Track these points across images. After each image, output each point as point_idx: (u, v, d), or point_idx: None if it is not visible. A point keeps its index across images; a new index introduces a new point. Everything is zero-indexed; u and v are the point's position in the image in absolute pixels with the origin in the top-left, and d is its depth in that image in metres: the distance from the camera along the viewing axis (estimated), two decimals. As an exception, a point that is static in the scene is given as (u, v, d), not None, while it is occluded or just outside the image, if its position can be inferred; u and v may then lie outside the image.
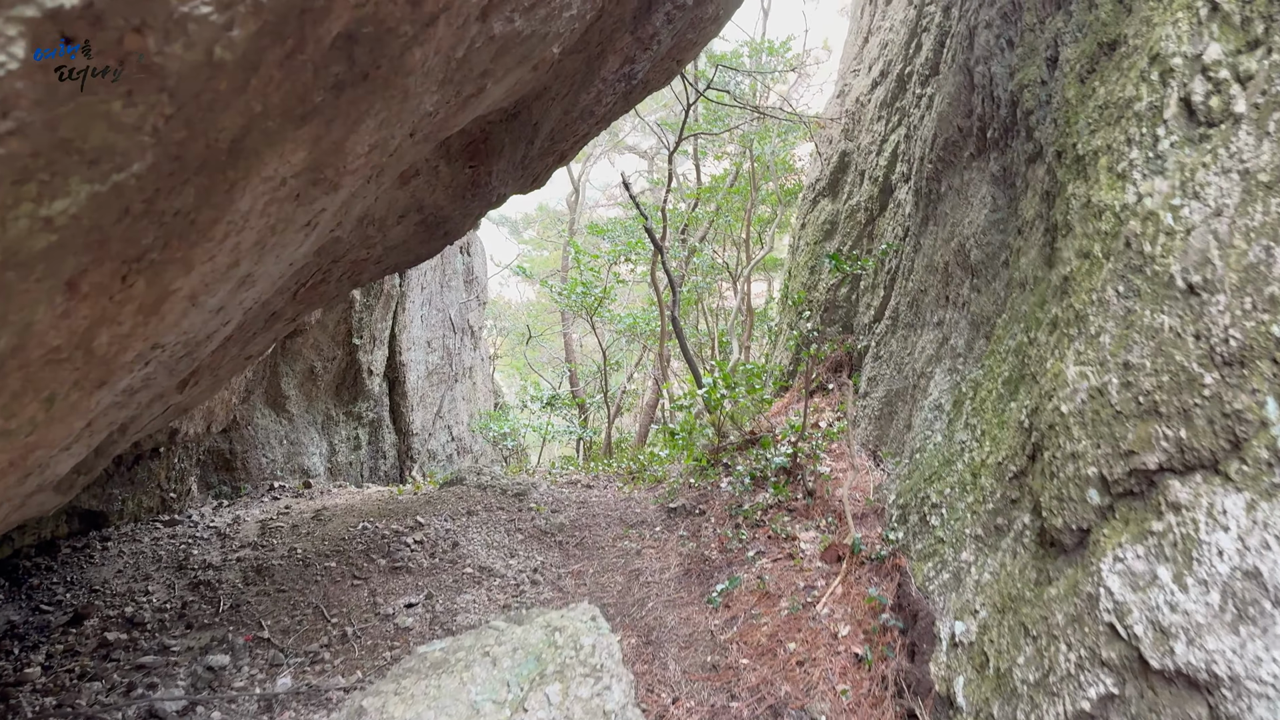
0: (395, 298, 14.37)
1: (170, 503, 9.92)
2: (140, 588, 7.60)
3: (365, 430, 15.00)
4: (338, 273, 5.07)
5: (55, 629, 6.34)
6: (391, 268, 5.77)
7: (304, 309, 5.40)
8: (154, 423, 5.39)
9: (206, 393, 5.69)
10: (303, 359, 13.05)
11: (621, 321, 14.88)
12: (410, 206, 4.87)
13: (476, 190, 5.21)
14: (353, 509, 9.27)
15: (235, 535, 8.73)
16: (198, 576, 7.70)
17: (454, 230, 5.55)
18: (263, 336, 5.24)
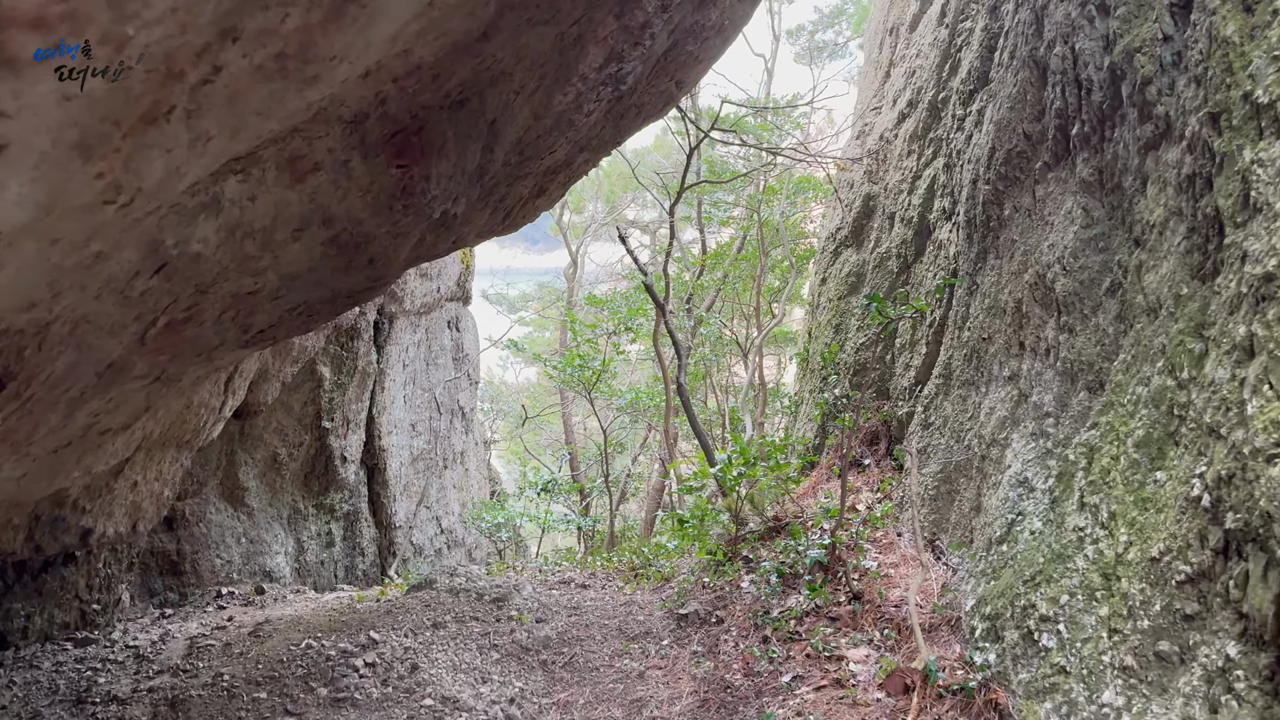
0: (372, 375, 13.01)
1: (91, 616, 8.36)
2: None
3: (339, 524, 13.46)
4: (212, 310, 3.68)
5: None
6: (304, 312, 4.40)
7: (169, 363, 4.01)
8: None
9: (25, 481, 4.25)
10: (264, 445, 11.62)
11: (623, 397, 13.49)
12: (310, 216, 3.52)
13: (409, 200, 3.86)
14: (300, 622, 7.71)
15: (155, 658, 7.16)
16: (96, 714, 6.13)
17: (383, 259, 4.19)
18: (101, 398, 3.83)
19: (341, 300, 4.55)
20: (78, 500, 7.20)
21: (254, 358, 9.22)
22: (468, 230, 5.57)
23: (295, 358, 10.46)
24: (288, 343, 10.15)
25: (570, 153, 6.25)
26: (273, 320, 4.18)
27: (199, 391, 8.03)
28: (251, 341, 4.47)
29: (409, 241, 4.32)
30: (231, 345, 4.34)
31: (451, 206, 4.40)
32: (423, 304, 13.87)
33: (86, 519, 7.35)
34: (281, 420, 11.71)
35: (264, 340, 4.61)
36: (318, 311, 4.52)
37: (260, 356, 9.58)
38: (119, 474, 7.55)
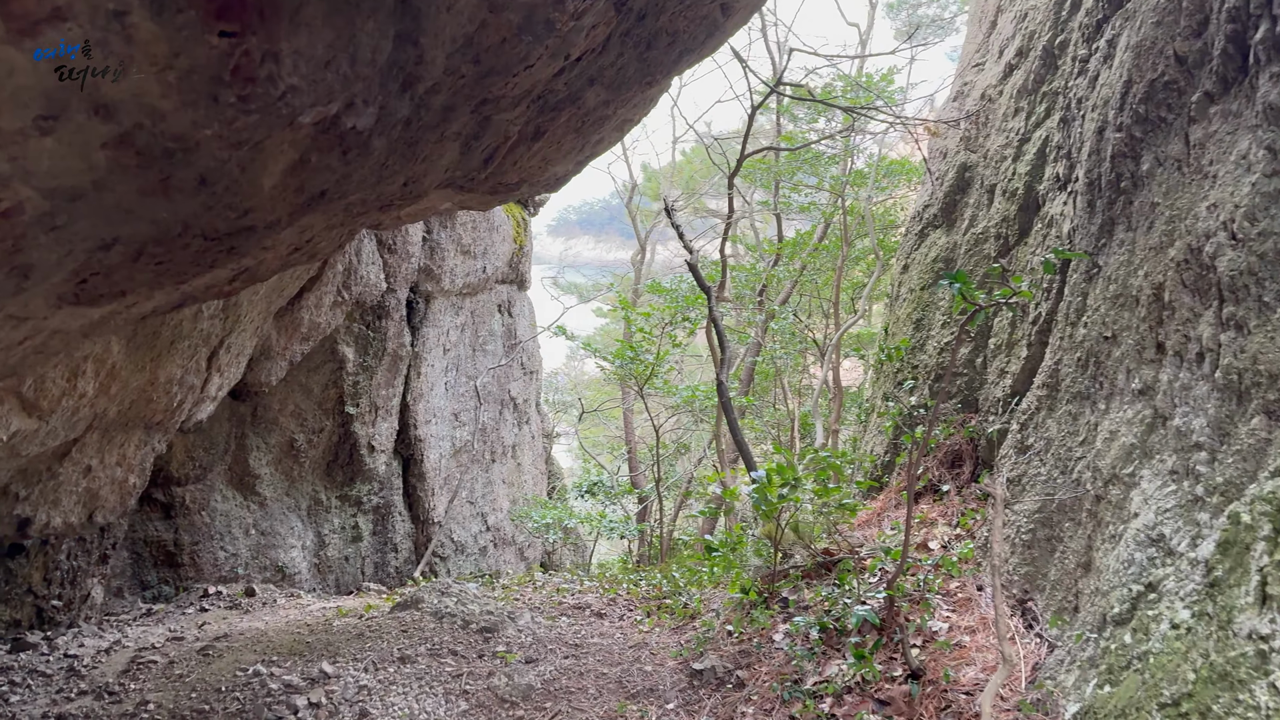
0: (405, 358, 11.96)
1: (51, 614, 7.45)
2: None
3: (368, 518, 12.48)
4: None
5: None
6: (137, 255, 3.19)
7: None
8: None
9: None
10: (279, 430, 10.67)
11: (677, 394, 12.14)
12: (65, 98, 2.28)
13: (246, 90, 2.61)
14: (262, 639, 6.61)
15: (88, 673, 6.16)
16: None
17: (228, 182, 2.96)
18: None
19: (202, 242, 3.33)
20: (8, 486, 6.23)
21: (248, 331, 8.21)
22: (417, 168, 4.31)
23: (305, 334, 9.44)
24: (294, 317, 9.13)
25: (572, 84, 4.94)
26: (81, 264, 2.99)
27: (165, 366, 7.02)
28: (73, 299, 3.29)
29: (279, 161, 3.07)
30: (39, 305, 3.16)
31: (347, 115, 3.13)
32: (465, 284, 12.77)
33: (22, 507, 6.39)
34: (299, 403, 10.75)
35: (95, 299, 3.43)
36: (166, 258, 3.31)
37: (260, 331, 8.57)
38: (64, 457, 6.57)
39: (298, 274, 8.39)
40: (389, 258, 10.57)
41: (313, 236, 4.49)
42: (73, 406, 6.19)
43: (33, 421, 5.88)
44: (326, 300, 9.48)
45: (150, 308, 4.11)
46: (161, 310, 4.33)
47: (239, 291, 4.62)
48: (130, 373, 6.66)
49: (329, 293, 9.44)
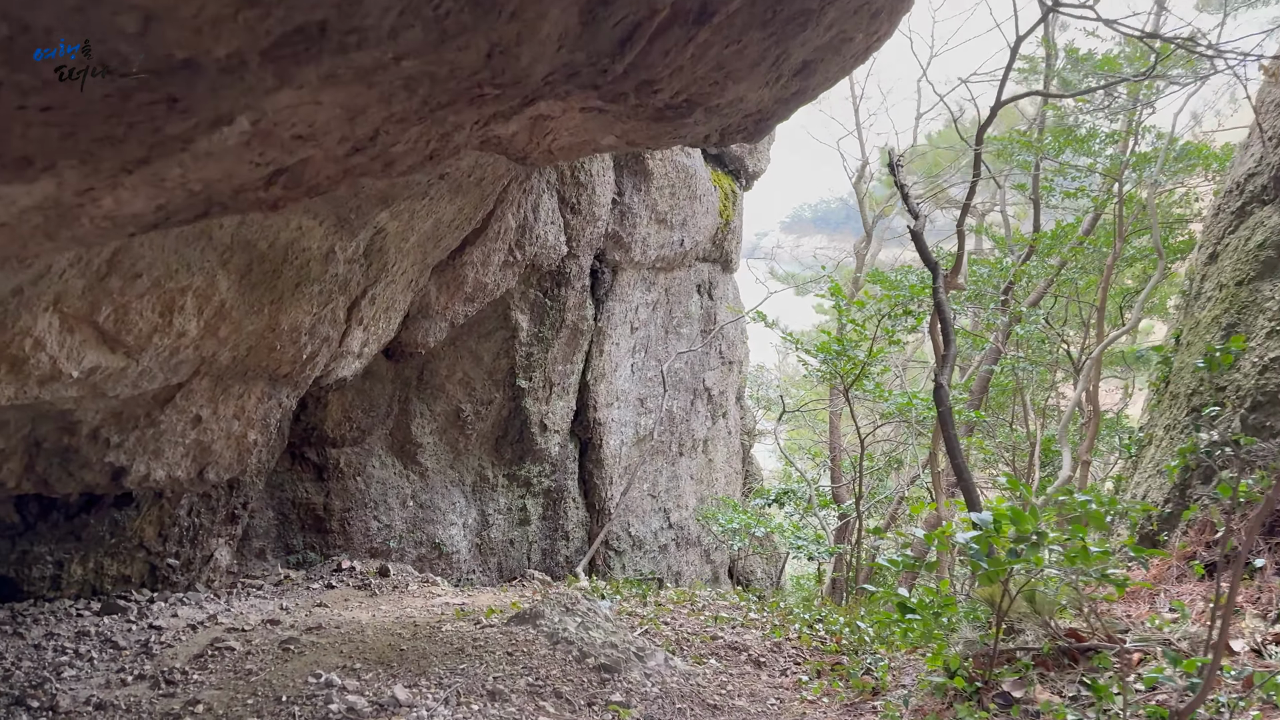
0: (587, 333, 10.89)
1: (166, 574, 6.90)
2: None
3: (537, 501, 11.56)
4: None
5: None
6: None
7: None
8: None
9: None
10: (445, 397, 9.89)
11: (890, 399, 10.30)
12: None
13: None
14: (355, 637, 5.65)
15: (159, 654, 5.41)
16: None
17: None
18: None
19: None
20: (98, 429, 5.58)
21: (398, 284, 7.34)
22: (503, 29, 2.98)
23: (469, 294, 8.52)
24: (456, 274, 8.21)
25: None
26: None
27: (289, 311, 6.20)
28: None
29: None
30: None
31: None
32: (659, 257, 11.52)
33: (115, 454, 5.73)
34: (468, 371, 9.92)
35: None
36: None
37: (415, 285, 7.70)
38: (166, 403, 5.87)
39: (456, 223, 7.42)
40: (571, 218, 9.48)
41: (375, 131, 3.28)
42: (169, 346, 5.44)
43: (117, 358, 5.15)
44: (495, 258, 8.51)
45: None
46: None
47: (280, 203, 3.50)
48: (244, 314, 5.87)
49: (498, 250, 8.46)
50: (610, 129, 5.26)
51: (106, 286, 4.81)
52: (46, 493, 5.61)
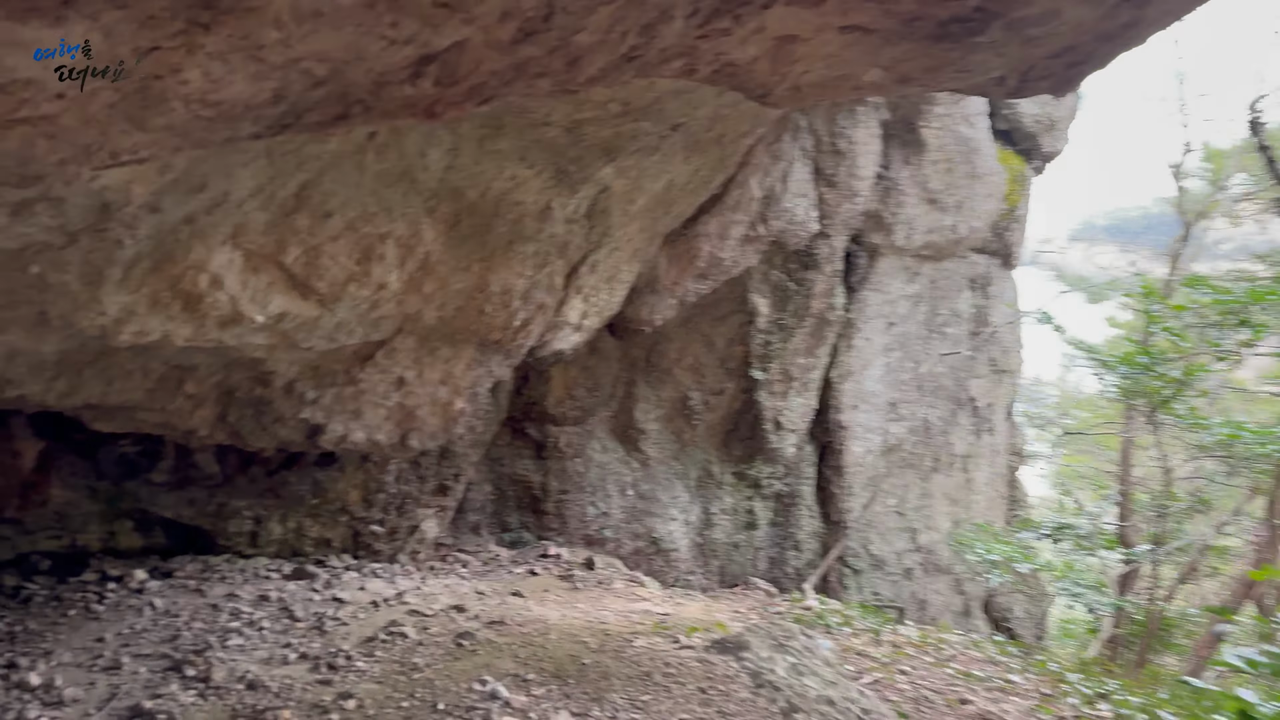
0: (834, 325, 9.74)
1: (369, 541, 6.64)
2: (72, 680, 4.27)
3: (766, 504, 10.58)
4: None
5: None
6: None
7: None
8: None
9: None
10: (672, 383, 9.16)
11: (1211, 431, 8.30)
12: None
13: None
14: (538, 639, 5.00)
15: (332, 631, 5.02)
16: (149, 707, 4.06)
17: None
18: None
19: None
20: (294, 383, 5.26)
21: (623, 251, 6.64)
22: None
23: (703, 270, 7.68)
24: (688, 245, 7.40)
25: None
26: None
27: (499, 271, 5.64)
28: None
29: None
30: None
31: None
32: (926, 243, 10.11)
33: (311, 411, 5.41)
34: (698, 356, 9.13)
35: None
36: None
37: (641, 254, 6.97)
38: (366, 361, 5.48)
39: (691, 186, 6.60)
40: (825, 191, 8.37)
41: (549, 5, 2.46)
42: (368, 298, 5.01)
43: (309, 306, 4.76)
44: (734, 231, 7.61)
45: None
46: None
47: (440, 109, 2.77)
48: (450, 270, 5.36)
49: (737, 222, 7.54)
50: (875, 56, 4.19)
51: (293, 224, 4.40)
52: (239, 445, 5.40)
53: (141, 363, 5.01)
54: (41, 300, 3.79)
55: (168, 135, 2.46)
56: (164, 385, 5.18)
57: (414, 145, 4.62)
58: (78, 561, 5.67)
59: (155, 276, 4.11)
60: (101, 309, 4.00)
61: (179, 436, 5.55)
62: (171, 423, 5.41)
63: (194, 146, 2.63)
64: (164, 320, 4.35)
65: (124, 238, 3.74)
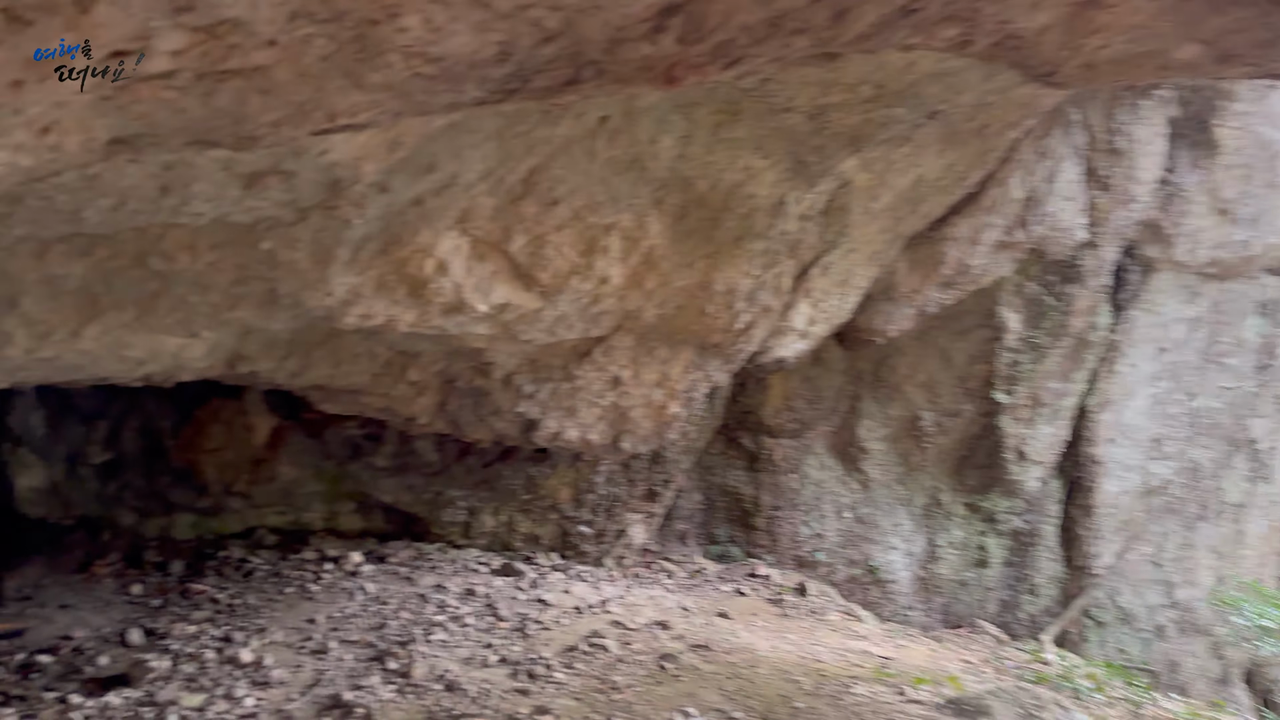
0: (1095, 347, 8.67)
1: (576, 541, 6.48)
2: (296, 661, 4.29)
3: (1000, 542, 9.61)
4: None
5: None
6: None
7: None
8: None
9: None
10: (901, 400, 8.46)
11: None
12: None
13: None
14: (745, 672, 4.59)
15: (534, 636, 4.86)
16: (349, 699, 3.99)
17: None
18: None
19: None
20: (512, 376, 5.13)
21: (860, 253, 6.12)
22: None
23: (948, 278, 6.99)
24: (933, 250, 6.75)
25: None
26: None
27: (724, 269, 5.28)
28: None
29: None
30: None
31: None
32: (1212, 260, 8.78)
33: (528, 405, 5.28)
34: (933, 374, 8.38)
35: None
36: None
37: (878, 257, 6.41)
38: (583, 357, 5.28)
39: (943, 183, 5.96)
40: (1097, 195, 7.39)
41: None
42: (590, 292, 4.78)
43: (531, 297, 4.59)
44: (987, 236, 6.84)
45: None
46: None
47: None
48: (674, 266, 5.05)
49: (992, 225, 6.77)
50: (1196, 27, 3.51)
51: (520, 211, 4.22)
52: (457, 435, 5.35)
53: (368, 346, 5.04)
54: (272, 277, 3.79)
55: (386, 96, 2.24)
56: (389, 370, 5.21)
57: (646, 131, 4.34)
58: (299, 539, 5.86)
59: (382, 258, 4.05)
60: (329, 289, 3.98)
61: (400, 423, 5.59)
62: (394, 408, 5.45)
63: (415, 112, 2.42)
64: (389, 304, 4.30)
65: (353, 217, 3.67)
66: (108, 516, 6.50)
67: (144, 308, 3.98)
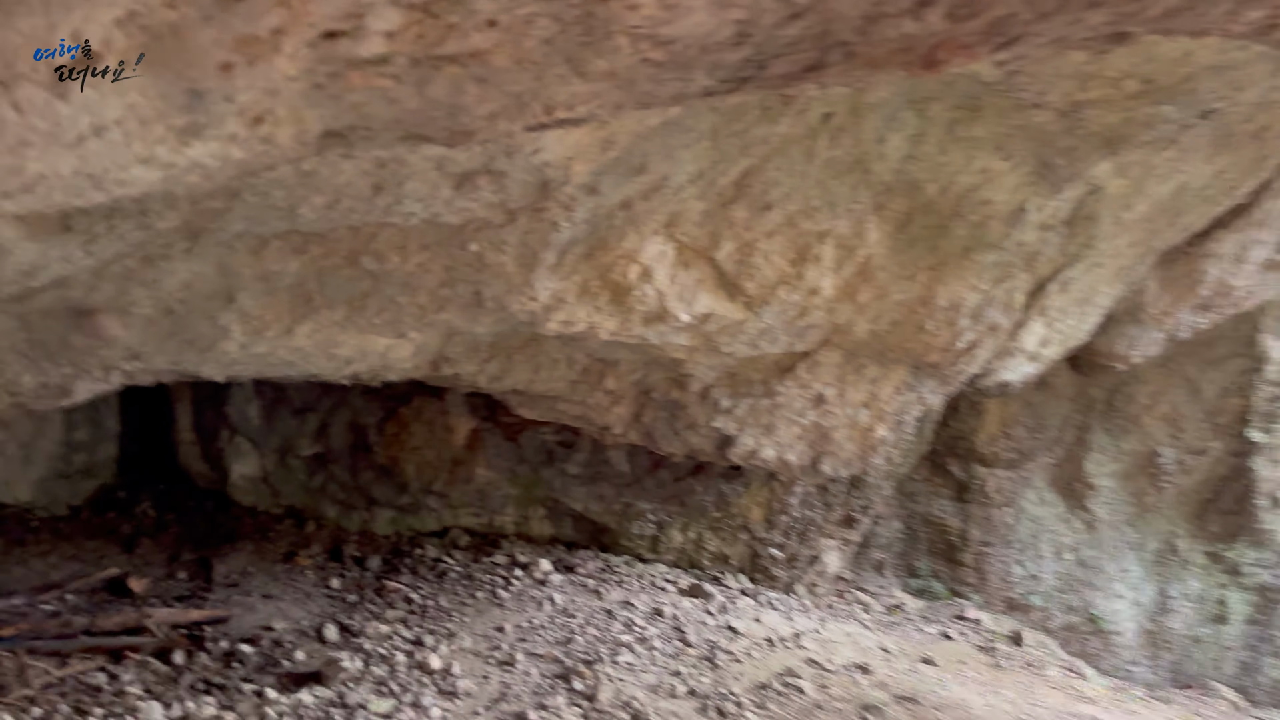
0: (1381, 383, 7.44)
1: (766, 565, 6.17)
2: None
3: (1244, 596, 8.47)
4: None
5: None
6: None
7: None
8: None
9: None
10: (1137, 433, 7.58)
11: None
12: None
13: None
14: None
15: (722, 668, 4.57)
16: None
17: None
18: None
19: None
20: (710, 389, 4.88)
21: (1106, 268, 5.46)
22: None
23: (1204, 300, 6.17)
24: (1189, 267, 5.95)
25: None
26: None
27: (949, 283, 4.81)
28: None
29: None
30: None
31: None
32: None
33: (724, 421, 5.01)
34: (1177, 405, 7.47)
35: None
36: None
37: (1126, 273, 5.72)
38: (786, 372, 4.96)
39: (1209, 192, 5.20)
40: (1394, 208, 6.31)
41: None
42: (797, 304, 4.46)
43: (735, 308, 4.32)
44: (1255, 254, 5.95)
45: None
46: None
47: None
48: (891, 278, 4.64)
49: (1261, 242, 5.88)
50: None
51: (729, 215, 3.95)
52: (650, 447, 5.14)
53: (567, 353, 4.93)
54: (478, 280, 3.70)
55: (609, 86, 2.02)
56: (586, 378, 5.08)
57: (873, 129, 3.96)
58: (491, 542, 5.85)
59: (587, 264, 3.89)
60: (533, 294, 3.86)
61: (594, 431, 5.45)
62: (589, 416, 5.32)
63: (636, 104, 2.19)
64: (591, 310, 4.15)
65: (560, 220, 3.52)
66: (312, 508, 6.78)
67: (354, 307, 4.00)
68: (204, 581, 5.63)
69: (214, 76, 1.59)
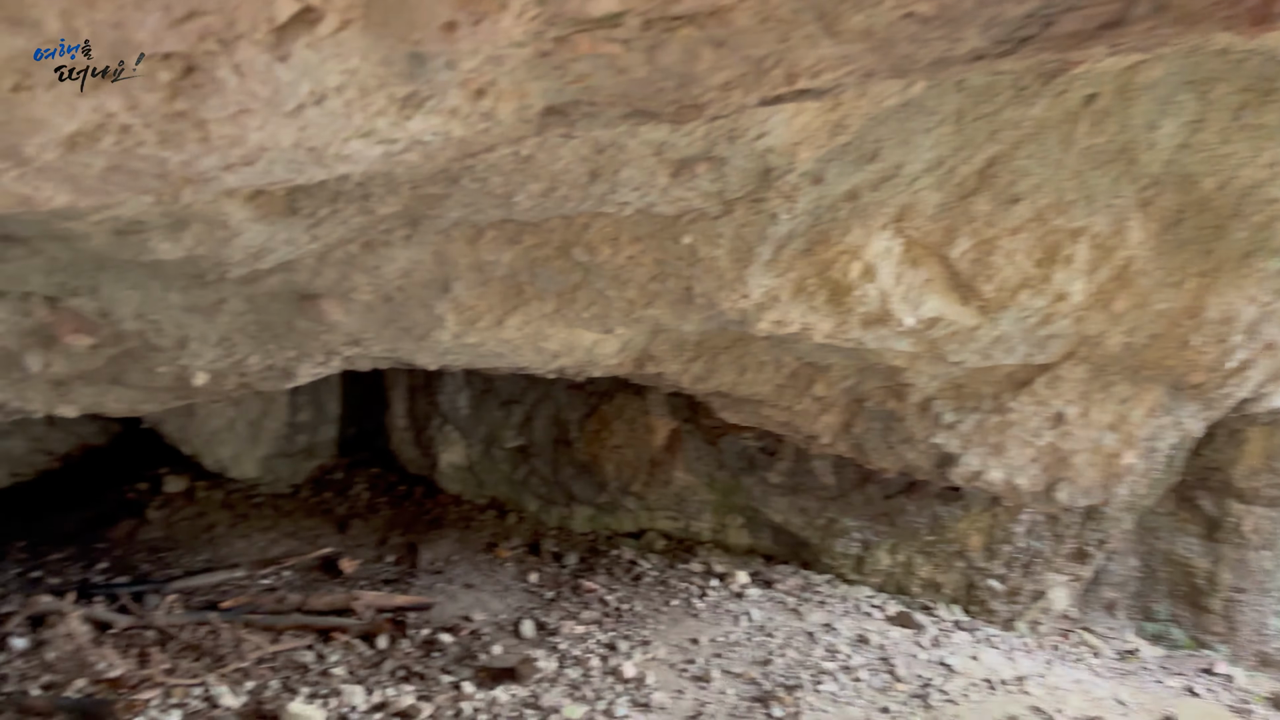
0: None
1: (983, 597, 5.67)
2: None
3: None
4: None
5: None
6: None
7: None
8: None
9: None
10: None
11: None
12: None
13: None
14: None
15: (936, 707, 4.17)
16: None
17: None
18: None
19: None
20: (930, 401, 4.49)
21: None
22: None
23: None
24: None
25: None
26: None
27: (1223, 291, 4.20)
28: None
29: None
30: None
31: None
32: None
33: (946, 437, 4.60)
34: None
35: None
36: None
37: None
38: (1021, 387, 4.49)
39: None
40: None
41: None
42: (1040, 310, 4.00)
43: (967, 313, 3.92)
44: None
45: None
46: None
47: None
48: (1154, 285, 4.07)
49: None
50: None
51: (969, 209, 3.56)
52: (859, 460, 4.78)
53: (775, 355, 4.67)
54: (689, 275, 3.51)
55: (863, 48, 1.75)
56: (793, 383, 4.80)
57: (1143, 114, 3.45)
58: (687, 549, 5.67)
59: (804, 260, 3.62)
60: (745, 291, 3.63)
61: (799, 440, 5.15)
62: (794, 424, 5.02)
63: (891, 71, 1.91)
64: (805, 310, 3.86)
65: (780, 211, 3.27)
66: (514, 500, 6.86)
67: (564, 300, 3.92)
68: (409, 566, 5.79)
69: (437, 38, 1.46)
